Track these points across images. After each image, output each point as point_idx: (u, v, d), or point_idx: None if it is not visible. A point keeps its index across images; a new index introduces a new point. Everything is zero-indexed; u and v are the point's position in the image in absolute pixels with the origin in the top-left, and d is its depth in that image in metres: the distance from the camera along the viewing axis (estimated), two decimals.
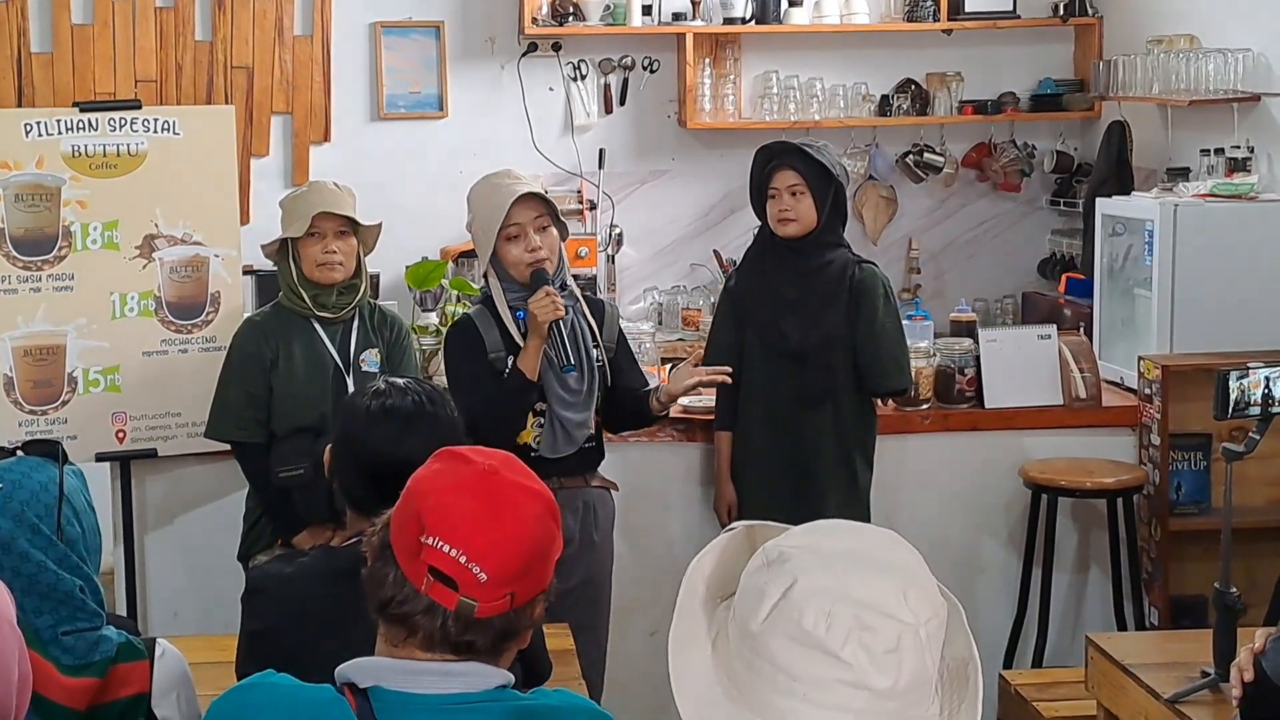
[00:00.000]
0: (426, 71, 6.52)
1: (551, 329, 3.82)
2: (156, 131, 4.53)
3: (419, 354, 4.57)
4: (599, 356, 4.00)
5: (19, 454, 2.25)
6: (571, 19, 6.37)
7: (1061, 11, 6.62)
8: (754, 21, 6.45)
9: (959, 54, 6.71)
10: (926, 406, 4.79)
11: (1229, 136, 5.48)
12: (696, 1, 6.44)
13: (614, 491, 4.14)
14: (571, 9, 6.36)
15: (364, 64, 6.49)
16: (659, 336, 5.92)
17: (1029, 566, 4.74)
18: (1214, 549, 3.62)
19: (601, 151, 6.62)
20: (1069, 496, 4.68)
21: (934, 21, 6.53)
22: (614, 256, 6.64)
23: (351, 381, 4.03)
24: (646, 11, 6.42)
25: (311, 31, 6.40)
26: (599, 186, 6.62)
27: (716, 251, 6.63)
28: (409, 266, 5.02)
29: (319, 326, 4.09)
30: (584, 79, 6.60)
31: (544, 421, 3.92)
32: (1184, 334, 4.93)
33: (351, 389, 3.95)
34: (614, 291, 6.54)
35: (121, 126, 4.50)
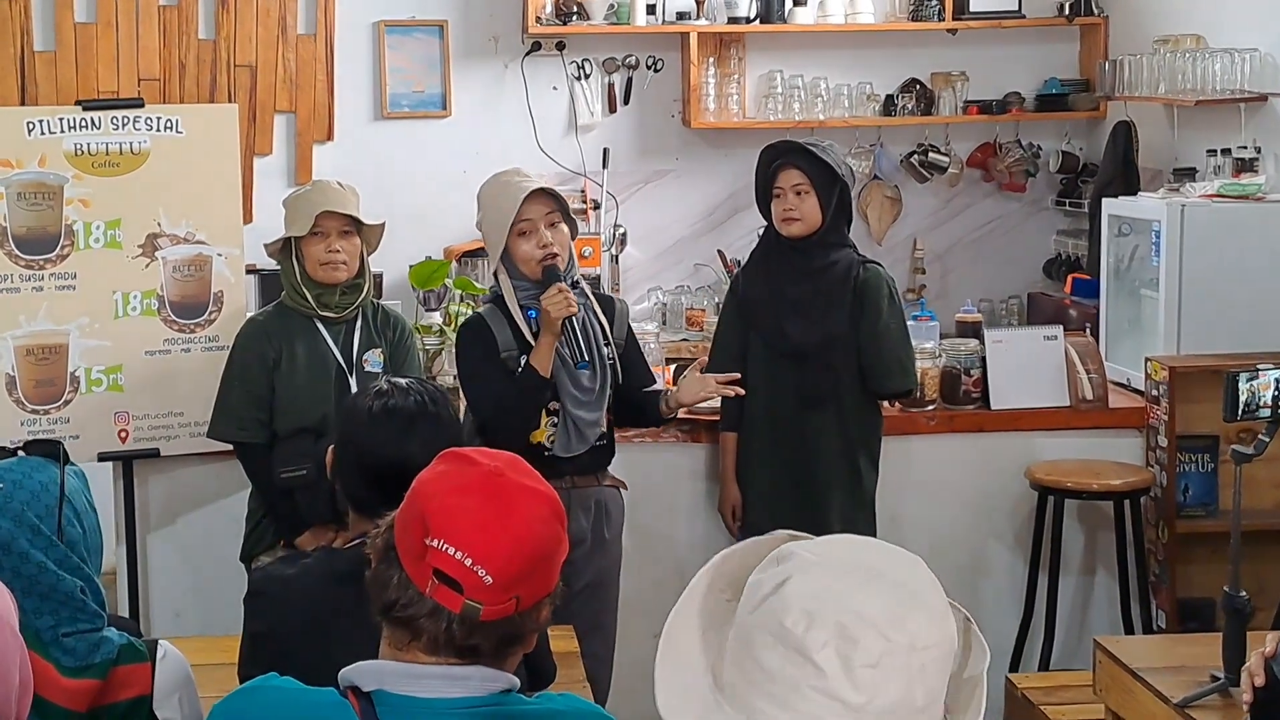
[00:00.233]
0: (430, 70, 6.50)
1: (564, 326, 3.80)
2: (159, 130, 4.51)
3: (422, 354, 4.56)
4: (610, 354, 3.98)
5: (20, 454, 2.24)
6: (575, 18, 6.35)
7: (1067, 11, 6.60)
8: (758, 21, 6.44)
9: (964, 53, 6.69)
10: (932, 407, 4.77)
11: (1236, 137, 5.47)
12: (701, 0, 6.43)
13: (623, 491, 4.12)
14: (575, 8, 6.35)
15: (367, 63, 6.48)
16: (663, 337, 5.89)
17: (1035, 568, 4.73)
18: (1221, 551, 3.60)
19: (605, 151, 6.60)
20: (1075, 498, 4.66)
21: (939, 21, 6.51)
22: (618, 256, 6.62)
23: (354, 382, 4.02)
24: (651, 10, 6.39)
25: (315, 30, 6.38)
26: (603, 186, 6.61)
27: (721, 251, 6.61)
28: (412, 266, 5.00)
29: (322, 326, 4.07)
30: (588, 78, 6.58)
31: (558, 420, 3.90)
32: (1191, 335, 4.92)
33: (354, 389, 3.93)
34: (618, 291, 6.52)
35: (124, 125, 4.48)
